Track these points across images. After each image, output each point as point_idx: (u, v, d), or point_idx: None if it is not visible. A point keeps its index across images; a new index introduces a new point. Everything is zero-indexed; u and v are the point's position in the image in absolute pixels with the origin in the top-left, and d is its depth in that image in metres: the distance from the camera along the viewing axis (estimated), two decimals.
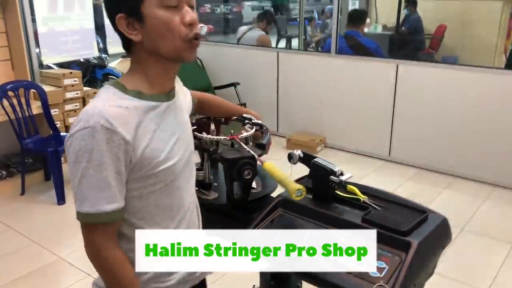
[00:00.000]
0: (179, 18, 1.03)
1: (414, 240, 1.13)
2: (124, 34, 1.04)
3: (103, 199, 1.00)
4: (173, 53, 1.05)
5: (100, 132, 0.97)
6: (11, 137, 3.69)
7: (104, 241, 1.04)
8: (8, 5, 3.77)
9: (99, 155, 0.98)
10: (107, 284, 1.09)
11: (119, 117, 1.00)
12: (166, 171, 1.08)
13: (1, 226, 3.22)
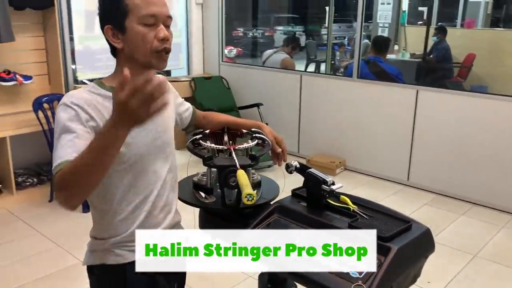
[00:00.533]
0: (154, 34, 1.27)
1: (394, 245, 1.20)
2: (110, 42, 1.29)
3: (68, 154, 1.14)
4: (144, 60, 1.28)
5: (70, 107, 1.22)
6: (44, 147, 3.92)
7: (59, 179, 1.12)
8: (49, 24, 4.06)
9: (69, 122, 1.20)
10: (93, 168, 1.10)
11: (87, 99, 1.25)
12: (128, 152, 1.28)
13: (29, 230, 3.42)
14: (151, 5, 1.26)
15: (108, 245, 1.38)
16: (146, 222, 1.40)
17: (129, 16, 1.25)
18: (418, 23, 8.29)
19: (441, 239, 3.34)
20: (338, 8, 8.26)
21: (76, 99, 1.24)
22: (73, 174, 1.09)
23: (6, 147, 3.65)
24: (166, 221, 1.46)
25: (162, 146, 1.40)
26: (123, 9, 1.25)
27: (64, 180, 1.10)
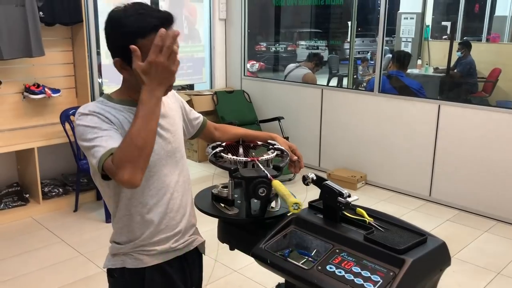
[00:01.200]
0: None
1: (409, 258, 1.21)
2: (119, 71, 1.36)
3: (110, 144, 1.26)
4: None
5: (91, 115, 1.31)
6: (70, 158, 4.03)
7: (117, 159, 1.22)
8: (77, 39, 4.20)
9: (94, 125, 1.29)
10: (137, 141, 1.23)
11: (100, 108, 1.33)
12: None
13: (54, 238, 3.51)
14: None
15: (128, 249, 1.44)
16: (162, 224, 1.45)
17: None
18: (442, 37, 8.24)
19: (463, 256, 3.29)
20: (361, 23, 8.29)
21: (92, 108, 1.32)
22: (129, 146, 1.22)
23: (34, 158, 3.77)
24: (182, 223, 1.51)
25: (172, 151, 1.46)
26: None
27: (123, 156, 1.21)
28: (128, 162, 1.21)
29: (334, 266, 1.27)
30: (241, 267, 3.03)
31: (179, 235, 1.50)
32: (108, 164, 1.23)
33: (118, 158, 1.22)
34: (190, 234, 1.56)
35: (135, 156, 1.22)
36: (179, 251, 1.51)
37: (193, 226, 1.59)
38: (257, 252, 1.41)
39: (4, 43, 3.63)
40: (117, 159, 1.22)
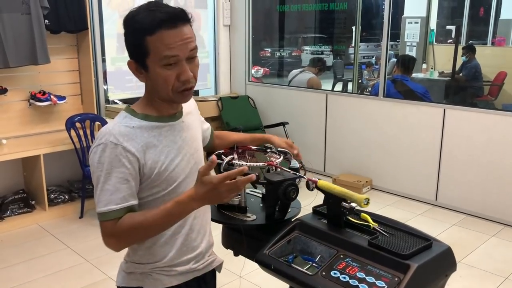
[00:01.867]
0: (176, 74, 1.24)
1: (414, 263, 1.20)
2: (134, 74, 1.30)
3: (112, 201, 1.21)
4: (166, 98, 1.30)
5: (109, 147, 1.22)
6: (75, 165, 4.05)
7: (115, 230, 1.21)
8: (83, 47, 4.23)
9: (109, 166, 1.21)
10: (147, 233, 1.25)
11: (126, 134, 1.24)
12: (166, 181, 1.30)
13: (60, 245, 3.51)
14: (171, 46, 1.21)
15: (147, 269, 1.38)
16: (184, 246, 1.39)
17: (149, 56, 1.23)
18: (447, 41, 8.23)
19: (470, 261, 3.27)
20: (365, 27, 8.28)
21: (114, 137, 1.22)
22: (135, 230, 1.21)
23: (40, 165, 3.79)
24: (203, 244, 1.46)
25: (195, 167, 1.38)
26: (144, 49, 1.23)
27: (123, 236, 1.21)
28: (127, 241, 1.25)
29: (339, 272, 1.27)
30: (245, 273, 3.02)
31: (199, 256, 1.45)
32: (104, 225, 1.22)
33: (117, 233, 1.20)
34: (209, 254, 1.51)
35: (136, 239, 1.27)
36: (198, 271, 1.46)
37: (212, 246, 1.53)
38: (261, 258, 1.41)
39: (10, 51, 3.67)
40: (116, 232, 1.20)
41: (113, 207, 1.20)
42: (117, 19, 4.71)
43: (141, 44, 1.22)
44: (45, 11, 3.79)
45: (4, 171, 4.01)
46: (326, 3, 5.81)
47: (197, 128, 1.49)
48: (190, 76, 1.26)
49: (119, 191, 1.21)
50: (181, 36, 1.22)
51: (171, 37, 1.21)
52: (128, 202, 1.22)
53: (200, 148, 1.47)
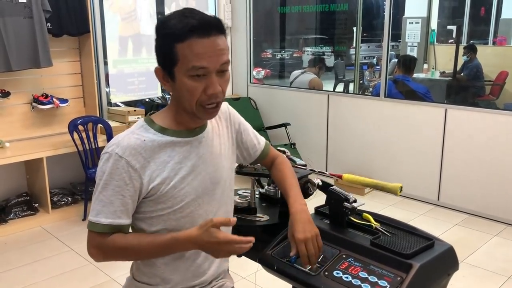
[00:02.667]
0: (203, 87, 1.17)
1: (416, 262, 1.21)
2: (160, 82, 1.24)
3: (103, 213, 1.19)
4: (190, 110, 1.22)
5: (113, 158, 1.18)
6: (78, 167, 4.06)
7: (102, 243, 1.21)
8: (85, 50, 4.25)
9: (108, 177, 1.18)
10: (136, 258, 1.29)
11: (134, 148, 1.19)
12: (173, 198, 1.23)
13: (63, 247, 3.53)
14: (201, 57, 1.14)
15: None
16: (189, 272, 1.32)
17: (178, 65, 1.16)
18: (448, 41, 8.23)
19: (473, 261, 3.27)
20: (366, 28, 8.29)
21: (122, 150, 1.18)
22: (125, 251, 1.21)
23: (43, 167, 3.80)
24: (211, 271, 1.37)
25: (211, 188, 1.31)
26: (172, 57, 1.16)
27: (113, 252, 1.21)
28: (110, 258, 1.24)
29: (341, 272, 1.28)
30: (248, 274, 3.03)
31: (205, 283, 1.37)
32: (91, 235, 1.21)
33: (104, 247, 1.20)
34: (219, 279, 1.42)
35: (120, 259, 1.24)
36: None
37: (224, 271, 1.45)
38: (264, 258, 1.42)
39: (13, 54, 3.68)
40: (103, 247, 1.20)
41: (102, 220, 1.18)
42: (119, 22, 4.73)
43: (170, 51, 1.15)
44: (47, 14, 3.81)
45: (7, 174, 4.03)
46: (327, 4, 5.82)
47: (223, 144, 1.37)
48: (218, 90, 1.18)
49: (112, 204, 1.18)
50: (213, 46, 1.14)
51: (202, 46, 1.13)
52: (119, 220, 1.19)
53: (224, 166, 1.35)
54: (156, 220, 1.25)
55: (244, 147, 1.48)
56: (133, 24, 4.84)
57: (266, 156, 1.53)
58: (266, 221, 1.63)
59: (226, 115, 1.41)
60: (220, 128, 1.38)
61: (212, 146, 1.32)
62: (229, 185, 1.38)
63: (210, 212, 1.31)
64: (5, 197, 4.00)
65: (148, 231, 1.27)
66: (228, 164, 1.37)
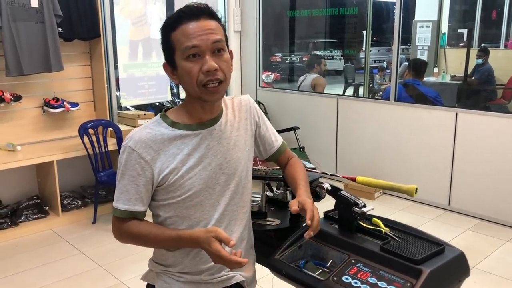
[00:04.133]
0: (199, 66, 1.23)
1: (426, 268, 1.20)
2: (169, 77, 1.32)
3: (121, 199, 1.31)
4: (195, 95, 1.28)
5: (127, 151, 1.29)
6: (88, 171, 4.09)
7: (120, 228, 1.33)
8: (95, 54, 4.28)
9: (124, 168, 1.30)
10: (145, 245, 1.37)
11: (145, 141, 1.28)
12: (182, 188, 1.30)
13: (73, 250, 3.54)
14: (190, 36, 1.22)
15: (159, 270, 1.41)
16: (197, 256, 1.36)
17: (176, 52, 1.25)
18: (459, 45, 8.17)
19: (484, 267, 3.23)
20: (376, 32, 8.27)
21: (134, 143, 1.28)
22: (137, 238, 1.32)
23: (53, 171, 3.83)
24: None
25: (224, 179, 1.35)
26: (170, 45, 1.26)
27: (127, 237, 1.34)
28: (125, 241, 1.36)
29: (350, 277, 1.26)
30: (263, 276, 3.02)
31: (214, 269, 1.38)
32: (114, 219, 1.34)
33: (121, 231, 1.33)
34: (229, 269, 1.40)
35: (134, 244, 1.37)
36: (211, 285, 1.40)
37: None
38: (273, 263, 1.42)
39: (25, 58, 3.72)
40: (120, 230, 1.33)
41: (120, 206, 1.31)
42: (129, 26, 4.77)
43: (167, 41, 1.26)
44: (58, 19, 3.85)
45: (18, 177, 4.06)
46: (337, 8, 5.81)
47: (239, 136, 1.40)
48: (213, 67, 1.22)
49: (127, 192, 1.30)
50: (202, 27, 1.23)
51: (192, 27, 1.22)
52: (134, 207, 1.30)
53: (238, 157, 1.38)
54: (168, 207, 1.34)
55: (261, 141, 1.51)
56: (143, 29, 4.87)
57: (281, 154, 1.55)
58: (278, 225, 1.62)
59: (247, 107, 1.45)
60: (237, 120, 1.41)
61: (224, 138, 1.36)
62: (245, 176, 1.41)
63: (221, 202, 1.36)
64: (16, 200, 4.03)
65: (163, 216, 1.35)
66: (244, 155, 1.40)
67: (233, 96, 1.46)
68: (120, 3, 4.64)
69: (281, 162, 1.57)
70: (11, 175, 3.97)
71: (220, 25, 1.28)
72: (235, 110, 1.42)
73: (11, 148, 3.85)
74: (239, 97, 1.47)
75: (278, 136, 1.55)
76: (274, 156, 1.55)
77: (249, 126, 1.43)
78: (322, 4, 6.57)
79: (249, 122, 1.44)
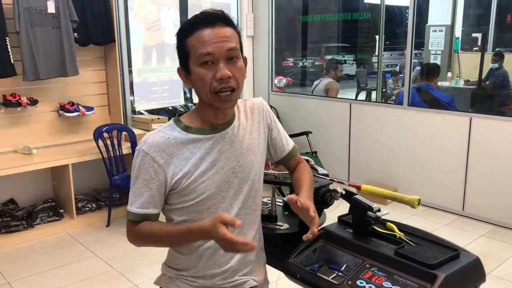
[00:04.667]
0: (213, 74, 1.24)
1: (441, 273, 1.20)
2: (182, 81, 1.33)
3: (135, 203, 1.32)
4: (207, 101, 1.28)
5: (141, 155, 1.30)
6: (103, 174, 4.13)
7: (133, 230, 1.34)
8: (110, 59, 4.33)
9: (138, 171, 1.31)
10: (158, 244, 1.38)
11: (158, 145, 1.29)
12: (194, 191, 1.31)
13: (87, 253, 3.58)
14: (205, 43, 1.22)
15: (173, 274, 1.43)
16: (210, 260, 1.37)
17: (190, 58, 1.25)
18: (473, 49, 8.10)
19: (500, 273, 3.19)
20: (389, 36, 8.25)
21: (147, 147, 1.29)
22: (148, 238, 1.32)
23: (68, 174, 3.87)
24: (234, 260, 1.39)
25: (237, 182, 1.35)
26: (185, 51, 1.26)
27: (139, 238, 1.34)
28: (139, 244, 1.38)
29: (365, 281, 1.27)
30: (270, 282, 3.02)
31: (227, 273, 1.39)
32: (127, 222, 1.35)
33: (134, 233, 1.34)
34: (242, 274, 1.42)
35: (148, 245, 1.39)
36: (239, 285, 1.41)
37: (248, 265, 1.43)
38: (287, 266, 1.42)
39: (41, 63, 3.78)
40: (133, 232, 1.34)
41: (134, 210, 1.31)
42: (143, 31, 4.81)
43: (182, 46, 1.27)
44: (74, 24, 3.91)
45: (34, 180, 4.12)
46: (349, 12, 5.81)
47: (252, 139, 1.40)
48: (226, 75, 1.23)
49: (141, 195, 1.30)
50: (218, 34, 1.23)
51: (207, 34, 1.22)
52: (147, 210, 1.31)
53: (252, 160, 1.38)
54: (181, 211, 1.34)
55: (272, 144, 1.51)
56: (157, 34, 4.92)
57: (291, 159, 1.55)
58: (286, 229, 1.63)
59: (260, 109, 1.45)
60: (250, 123, 1.41)
61: (237, 141, 1.36)
62: (258, 179, 1.42)
63: (234, 205, 1.36)
64: (32, 203, 4.09)
65: (176, 220, 1.36)
66: (257, 159, 1.40)
67: (245, 99, 1.45)
68: (134, 8, 4.69)
69: (291, 166, 1.57)
70: (27, 178, 4.03)
71: (236, 31, 1.28)
72: (247, 113, 1.42)
73: (27, 151, 3.91)
74: (252, 99, 1.46)
75: (289, 139, 1.55)
76: (284, 160, 1.55)
77: (262, 129, 1.44)
78: (335, 8, 6.57)
79: (262, 125, 1.44)
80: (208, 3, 5.34)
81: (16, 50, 3.67)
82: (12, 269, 3.33)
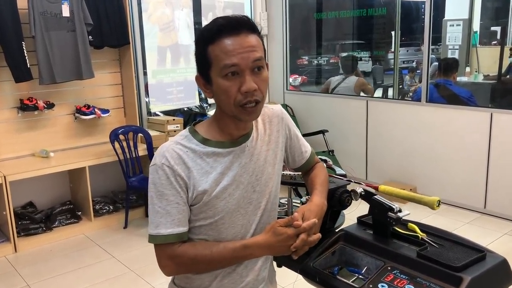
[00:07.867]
0: (238, 86, 1.15)
1: (467, 276, 1.15)
2: (201, 90, 1.25)
3: (162, 224, 1.19)
4: (230, 113, 1.20)
5: (161, 169, 1.19)
6: (119, 176, 4.14)
7: (173, 254, 1.20)
8: (125, 61, 4.35)
9: (161, 187, 1.19)
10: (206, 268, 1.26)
11: (178, 158, 1.20)
12: (215, 208, 1.23)
13: (105, 255, 3.59)
14: (231, 54, 1.14)
15: None
16: (226, 278, 1.29)
17: (212, 68, 1.17)
18: (492, 43, 7.94)
19: None
20: (405, 32, 8.13)
21: (166, 159, 1.19)
22: (197, 262, 1.21)
23: (85, 176, 3.90)
24: (249, 277, 1.32)
25: (256, 197, 1.28)
26: (206, 60, 1.17)
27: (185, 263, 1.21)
28: (183, 270, 1.26)
29: (386, 284, 1.23)
30: (288, 284, 2.98)
31: None
32: (158, 248, 1.21)
33: (177, 258, 1.20)
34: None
35: (191, 271, 1.27)
36: None
37: (262, 281, 1.36)
38: (306, 269, 1.39)
39: (57, 67, 3.81)
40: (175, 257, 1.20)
41: (163, 231, 1.19)
42: (157, 32, 4.82)
43: (204, 54, 1.17)
44: (89, 27, 3.93)
45: (52, 183, 4.15)
46: (364, 9, 5.73)
47: (270, 150, 1.33)
48: (253, 87, 1.15)
49: (169, 214, 1.19)
50: (243, 43, 1.14)
51: (232, 44, 1.14)
52: (178, 228, 1.20)
53: (269, 173, 1.31)
54: (198, 229, 1.25)
55: (291, 153, 1.44)
56: (171, 35, 4.92)
57: (309, 165, 1.50)
58: None
59: (279, 118, 1.37)
60: (268, 133, 1.34)
61: (256, 154, 1.29)
62: (275, 191, 1.35)
63: (252, 222, 1.29)
64: (50, 205, 4.12)
65: (192, 239, 1.26)
66: (274, 170, 1.33)
67: (264, 106, 1.32)
68: (148, 10, 4.70)
69: (307, 170, 1.52)
70: (45, 181, 4.06)
71: (260, 38, 1.20)
72: (265, 122, 1.34)
73: (45, 154, 3.94)
74: (270, 107, 1.38)
75: (307, 146, 1.49)
76: (301, 168, 1.50)
77: (280, 138, 1.36)
78: (349, 5, 6.50)
79: (281, 134, 1.37)
80: (222, 2, 5.32)
81: (32, 54, 3.71)
82: (32, 271, 3.36)
